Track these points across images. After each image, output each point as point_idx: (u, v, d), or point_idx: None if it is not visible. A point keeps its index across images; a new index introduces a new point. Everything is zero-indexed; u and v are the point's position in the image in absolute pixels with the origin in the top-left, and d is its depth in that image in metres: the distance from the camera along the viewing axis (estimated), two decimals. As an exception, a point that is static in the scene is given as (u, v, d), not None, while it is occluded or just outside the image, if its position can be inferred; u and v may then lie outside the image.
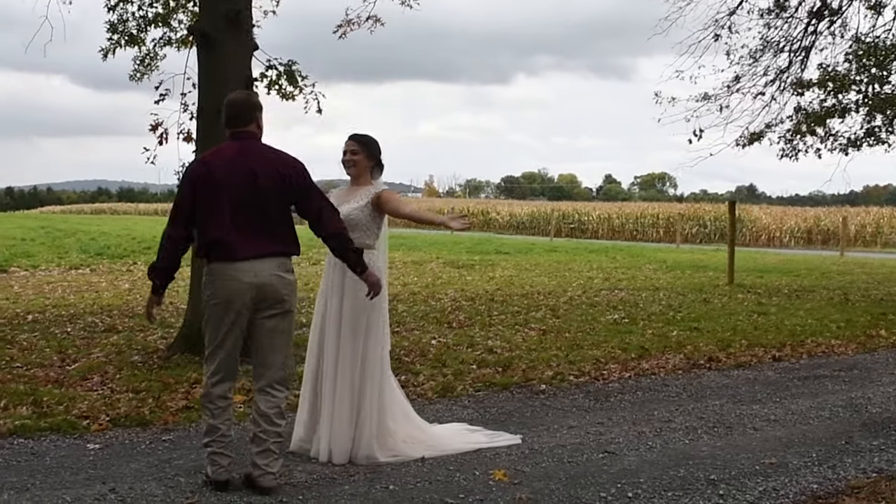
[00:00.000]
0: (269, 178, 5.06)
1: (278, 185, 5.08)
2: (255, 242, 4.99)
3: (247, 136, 5.19)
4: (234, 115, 5.21)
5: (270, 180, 5.06)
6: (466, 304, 14.07)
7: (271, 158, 5.19)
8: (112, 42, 11.99)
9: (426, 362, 9.07)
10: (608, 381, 8.26)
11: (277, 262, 5.04)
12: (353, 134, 5.89)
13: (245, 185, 5.03)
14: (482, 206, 66.02)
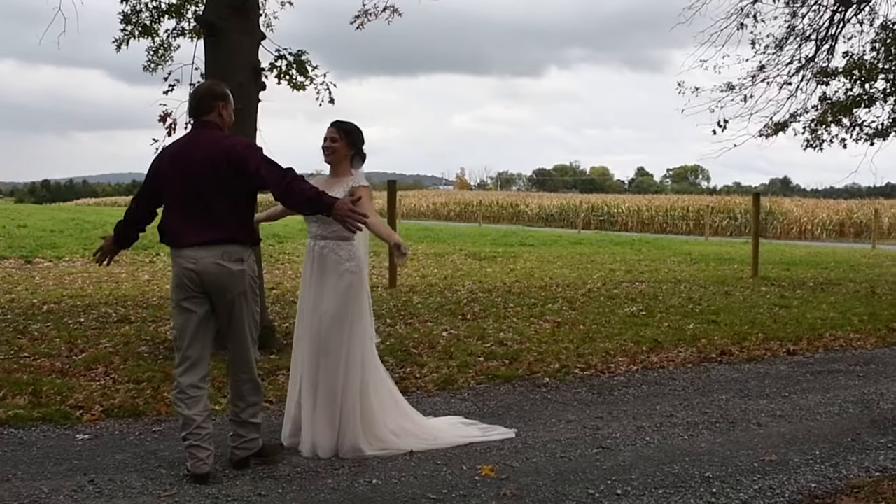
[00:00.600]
0: (211, 165, 4.98)
1: (223, 171, 4.96)
2: (195, 230, 5.00)
3: (205, 125, 5.20)
4: (195, 105, 5.26)
5: (212, 167, 4.97)
6: (483, 295, 13.94)
7: (220, 146, 5.07)
8: (126, 33, 11.92)
9: (434, 354, 8.95)
10: (614, 375, 8.11)
11: (220, 251, 4.98)
12: (335, 120, 5.77)
13: (188, 174, 5.03)
14: (512, 198, 65.78)
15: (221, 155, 5.00)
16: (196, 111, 5.24)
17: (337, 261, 5.50)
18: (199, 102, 5.23)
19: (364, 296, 5.62)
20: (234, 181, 4.99)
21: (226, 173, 4.98)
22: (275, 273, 17.89)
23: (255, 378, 5.22)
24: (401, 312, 11.93)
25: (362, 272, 5.59)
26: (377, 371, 5.81)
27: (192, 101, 5.29)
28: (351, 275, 5.51)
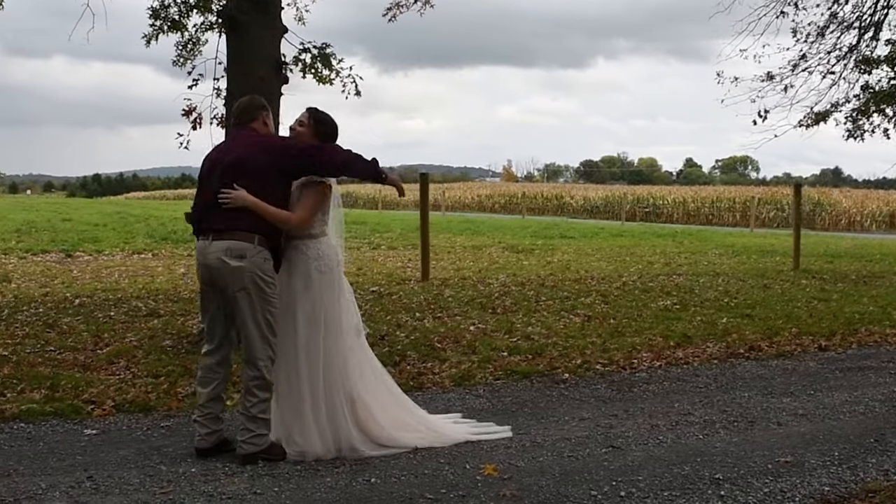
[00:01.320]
0: (241, 157, 5.20)
1: (252, 163, 5.17)
2: (210, 221, 5.22)
3: (245, 127, 5.46)
4: (239, 114, 5.55)
5: (241, 159, 5.19)
6: (515, 289, 13.80)
7: (258, 139, 5.34)
8: (154, 28, 11.95)
9: (458, 349, 8.86)
10: (636, 371, 7.95)
11: (225, 246, 5.12)
12: (312, 107, 5.66)
13: (216, 165, 5.27)
14: (557, 190, 65.43)
15: (256, 146, 5.25)
16: (240, 118, 5.51)
17: (305, 260, 5.37)
18: (244, 111, 5.51)
19: (338, 291, 5.47)
20: (261, 174, 5.16)
21: (255, 166, 5.16)
22: (310, 266, 17.89)
23: (264, 375, 5.18)
24: (430, 306, 11.84)
25: (333, 270, 5.44)
26: (368, 366, 5.66)
27: (237, 110, 5.57)
28: (320, 274, 5.37)
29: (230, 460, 5.19)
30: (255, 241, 5.12)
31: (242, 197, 5.15)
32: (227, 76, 9.40)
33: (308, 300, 5.33)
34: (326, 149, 5.34)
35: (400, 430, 5.55)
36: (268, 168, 5.19)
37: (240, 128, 5.49)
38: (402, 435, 5.52)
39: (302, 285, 5.33)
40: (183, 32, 12.19)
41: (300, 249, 5.36)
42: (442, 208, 57.83)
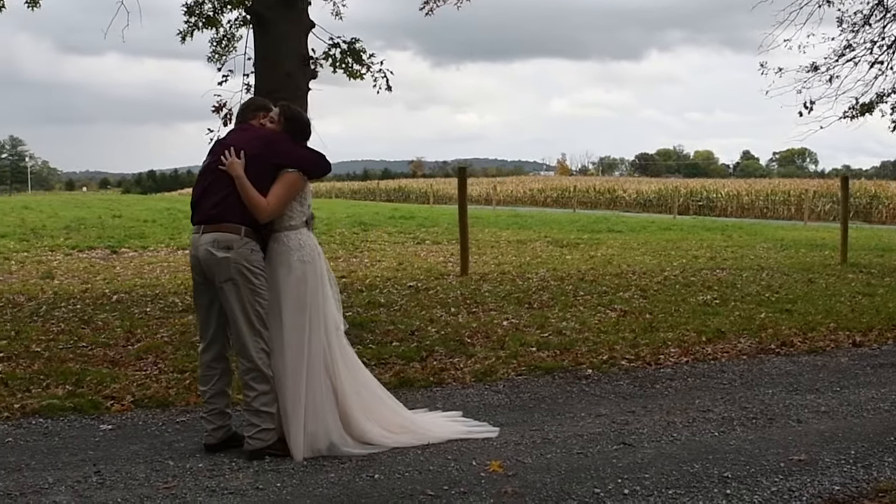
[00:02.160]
0: (237, 148, 5.28)
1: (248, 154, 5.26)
2: (201, 210, 5.31)
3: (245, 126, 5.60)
4: (238, 114, 5.80)
5: (237, 150, 5.26)
6: (554, 283, 13.70)
7: (255, 132, 5.46)
8: (189, 24, 12.06)
9: (487, 344, 8.82)
10: (661, 367, 7.84)
11: (212, 238, 5.20)
12: (285, 103, 5.65)
13: (214, 155, 5.36)
14: (610, 183, 65.01)
15: (254, 139, 5.35)
16: (239, 118, 5.71)
17: (286, 251, 5.35)
18: (242, 111, 5.71)
19: (321, 285, 5.42)
20: (259, 165, 5.23)
21: (255, 155, 5.25)
22: (351, 261, 18.00)
23: (259, 367, 5.19)
24: (466, 301, 11.80)
25: (315, 261, 5.41)
26: (349, 362, 5.57)
27: (238, 112, 5.77)
28: (302, 265, 5.33)
29: (238, 456, 5.22)
30: (241, 233, 5.18)
31: (236, 165, 5.20)
32: (254, 72, 9.44)
33: (292, 291, 5.30)
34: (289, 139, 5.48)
35: (382, 429, 5.48)
36: (258, 156, 5.27)
37: (242, 125, 5.61)
38: (384, 433, 5.46)
39: (284, 276, 5.31)
40: (218, 29, 12.29)
41: (280, 241, 5.35)
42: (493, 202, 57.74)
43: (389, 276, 14.79)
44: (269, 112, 5.58)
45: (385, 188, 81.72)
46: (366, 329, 9.73)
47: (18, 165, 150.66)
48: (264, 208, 5.21)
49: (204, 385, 5.42)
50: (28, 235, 24.18)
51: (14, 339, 8.90)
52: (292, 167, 5.31)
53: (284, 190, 5.28)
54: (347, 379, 5.46)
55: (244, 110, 5.65)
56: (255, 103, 5.70)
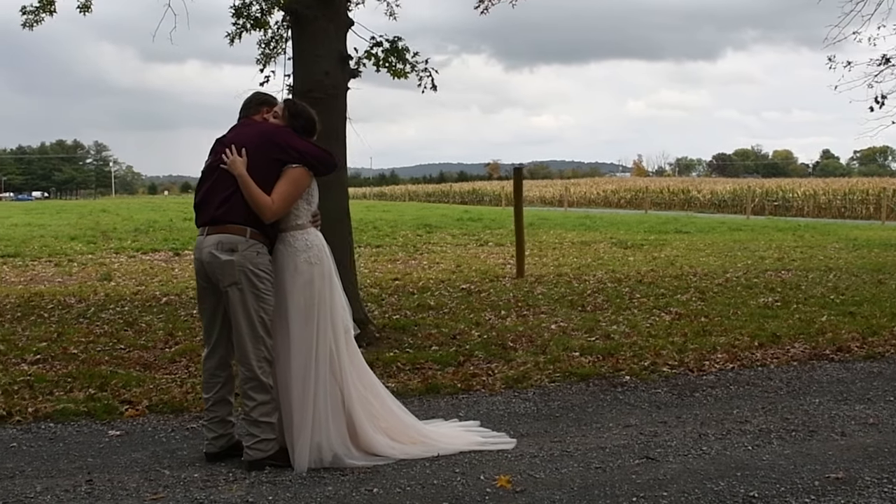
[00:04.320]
0: (240, 144, 5.08)
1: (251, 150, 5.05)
2: (206, 211, 5.12)
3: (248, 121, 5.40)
4: (242, 109, 5.46)
5: (240, 146, 5.07)
6: (611, 286, 13.33)
7: (258, 127, 5.25)
8: (237, 26, 11.99)
9: (530, 348, 8.52)
10: (705, 373, 7.42)
11: (216, 240, 5.00)
12: (289, 99, 5.43)
13: (214, 160, 5.15)
14: (684, 184, 64.02)
15: (255, 135, 5.15)
16: (242, 115, 5.46)
17: (293, 252, 5.10)
18: (244, 107, 5.46)
19: (328, 287, 5.15)
20: (261, 161, 5.03)
21: (256, 152, 5.04)
22: (409, 264, 17.79)
23: (258, 377, 4.97)
24: (518, 303, 11.52)
25: (323, 262, 5.16)
26: (357, 368, 5.31)
27: (241, 107, 5.49)
28: (310, 266, 5.09)
29: (237, 466, 5.01)
30: (246, 234, 4.96)
31: (238, 164, 4.99)
32: (292, 71, 9.30)
33: (299, 294, 5.06)
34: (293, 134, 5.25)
35: (390, 439, 5.21)
36: (260, 152, 5.07)
37: (244, 121, 5.41)
38: (391, 444, 5.18)
39: (291, 278, 5.07)
40: (266, 30, 12.20)
41: (286, 241, 5.12)
42: (564, 204, 57.30)
43: (444, 279, 14.57)
44: (273, 107, 5.37)
45: (459, 190, 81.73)
46: (407, 332, 9.51)
47: (103, 170, 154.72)
48: (269, 207, 4.98)
49: (206, 392, 5.24)
50: (97, 238, 24.59)
51: (55, 340, 8.91)
52: (295, 163, 5.08)
53: (289, 187, 5.06)
54: (355, 386, 5.19)
55: (247, 105, 5.42)
56: (258, 98, 5.47)
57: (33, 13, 11.64)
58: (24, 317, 10.47)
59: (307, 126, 5.32)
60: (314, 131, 5.37)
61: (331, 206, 9.03)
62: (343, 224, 9.21)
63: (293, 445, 4.97)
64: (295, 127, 5.25)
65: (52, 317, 10.52)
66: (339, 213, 9.12)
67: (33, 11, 11.62)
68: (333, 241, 8.85)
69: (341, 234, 9.13)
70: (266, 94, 5.51)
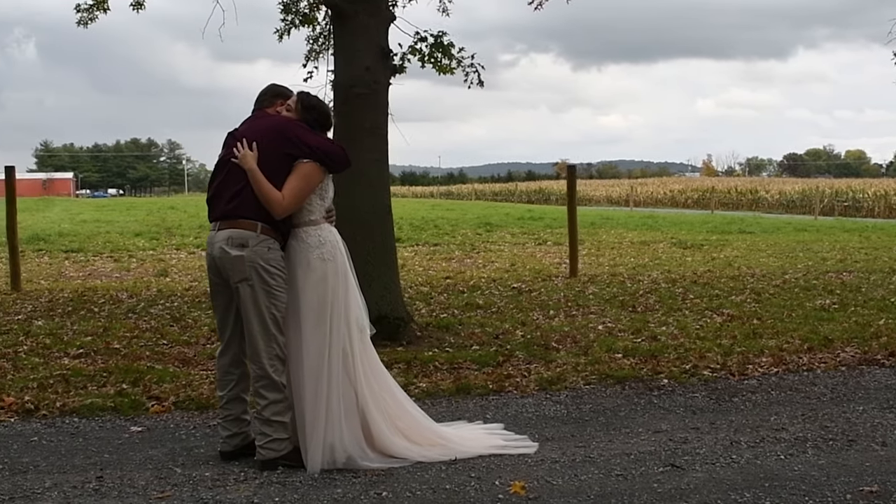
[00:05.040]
0: (252, 137, 5.00)
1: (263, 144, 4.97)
2: (217, 205, 5.06)
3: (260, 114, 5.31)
4: (256, 101, 5.36)
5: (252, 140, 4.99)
6: (665, 286, 13.03)
7: (271, 120, 5.17)
8: (286, 23, 11.99)
9: (572, 349, 8.34)
10: (748, 377, 7.16)
11: (227, 235, 4.93)
12: (303, 92, 5.31)
13: (226, 154, 5.09)
14: (752, 184, 62.93)
15: (266, 129, 5.07)
16: (255, 107, 5.37)
17: (305, 249, 5.00)
18: (258, 100, 5.36)
19: (342, 284, 5.04)
20: (271, 156, 4.95)
21: (267, 146, 4.96)
22: (465, 262, 17.67)
23: (269, 375, 4.89)
24: (567, 303, 11.32)
25: (336, 259, 5.04)
26: (373, 368, 5.18)
27: (256, 99, 5.40)
28: (322, 263, 4.98)
29: (251, 465, 4.95)
30: (257, 230, 4.88)
31: (249, 158, 4.92)
32: (333, 66, 9.24)
33: (312, 291, 4.96)
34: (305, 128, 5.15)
35: (407, 441, 5.08)
36: (271, 146, 4.99)
37: (257, 113, 5.32)
38: (408, 446, 5.05)
39: (304, 275, 4.97)
40: (314, 26, 12.18)
41: (300, 237, 5.03)
42: (630, 204, 56.60)
43: (496, 278, 14.42)
44: (286, 100, 5.28)
45: (526, 190, 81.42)
46: (450, 331, 9.40)
47: (176, 168, 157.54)
48: (279, 202, 4.90)
49: (221, 390, 5.19)
50: (161, 234, 24.93)
51: (100, 335, 8.97)
52: (307, 157, 5.00)
53: (300, 182, 4.97)
54: (371, 386, 5.08)
55: (261, 97, 5.33)
56: (272, 90, 5.36)
57: (87, 11, 11.81)
58: (75, 311, 10.58)
59: (320, 120, 5.22)
60: (328, 125, 5.28)
61: (372, 204, 9.00)
62: (385, 222, 9.13)
63: (306, 445, 4.89)
64: (308, 120, 5.16)
65: (101, 311, 10.62)
66: (381, 210, 9.06)
67: (87, 9, 11.80)
68: (375, 238, 8.91)
69: (383, 232, 9.07)
70: (281, 87, 5.40)
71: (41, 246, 19.96)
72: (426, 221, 30.41)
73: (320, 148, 5.02)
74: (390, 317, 8.71)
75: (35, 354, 8.02)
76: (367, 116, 8.92)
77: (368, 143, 8.91)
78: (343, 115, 8.92)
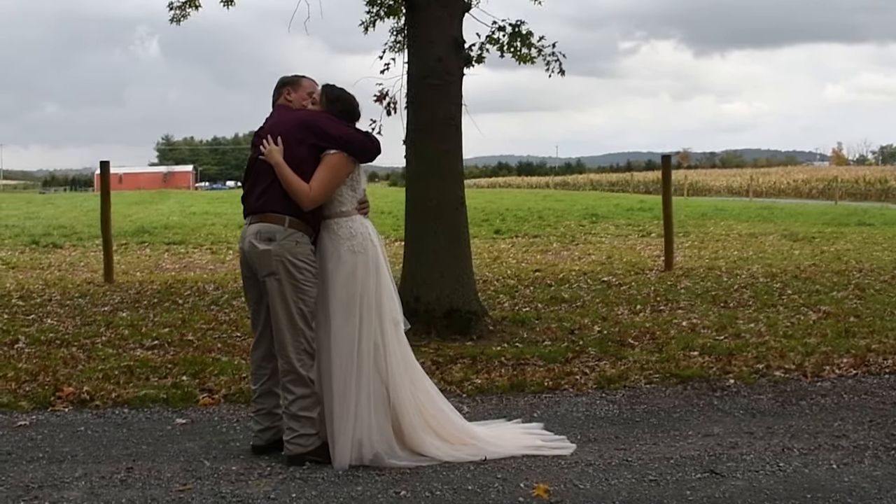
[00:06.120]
0: (276, 132, 4.98)
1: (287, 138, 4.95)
2: (249, 201, 5.06)
3: (280, 107, 5.27)
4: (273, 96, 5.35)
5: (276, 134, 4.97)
6: (762, 281, 12.52)
7: (293, 114, 5.13)
8: (371, 15, 11.97)
9: (648, 345, 8.08)
10: (822, 380, 6.76)
11: (256, 229, 4.92)
12: (326, 83, 5.21)
13: (254, 150, 5.07)
14: (883, 173, 60.23)
15: (291, 122, 5.04)
16: (273, 102, 5.36)
17: (336, 241, 4.94)
18: (273, 94, 5.35)
19: (373, 277, 4.94)
20: (297, 149, 4.93)
21: (292, 139, 4.94)
22: (561, 255, 17.43)
23: (296, 369, 4.85)
24: (656, 298, 11.00)
25: (368, 251, 4.95)
26: (406, 363, 5.06)
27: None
28: (353, 255, 4.90)
29: (279, 460, 4.92)
30: (285, 223, 4.86)
31: (275, 153, 4.89)
32: (407, 58, 9.17)
33: (342, 284, 4.90)
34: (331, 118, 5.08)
35: (437, 439, 4.95)
36: (296, 139, 4.95)
37: (277, 108, 5.29)
38: (437, 445, 4.93)
39: (334, 268, 4.92)
40: (399, 17, 12.12)
41: (331, 229, 4.97)
42: (749, 194, 55.04)
43: (588, 271, 14.14)
44: (293, 87, 5.24)
45: (643, 180, 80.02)
46: (526, 326, 9.22)
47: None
48: (306, 194, 4.85)
49: (254, 384, 5.19)
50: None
51: (178, 327, 9.13)
52: (333, 148, 4.93)
53: (327, 173, 4.91)
54: (402, 382, 4.98)
55: (274, 91, 5.32)
56: (280, 81, 5.32)
57: (180, 8, 12.04)
58: (160, 303, 10.81)
59: (346, 110, 5.15)
60: (355, 116, 5.20)
61: (444, 196, 8.90)
62: (459, 213, 9.03)
63: (333, 441, 4.83)
64: (333, 112, 5.09)
65: (185, 303, 10.82)
66: (454, 202, 8.96)
67: (180, 7, 12.03)
68: (447, 230, 8.81)
69: (456, 224, 8.97)
70: (288, 77, 5.34)
71: (145, 238, 20.54)
72: (531, 212, 30.10)
73: (344, 137, 4.95)
74: (462, 310, 8.61)
75: (111, 345, 8.20)
76: (439, 108, 8.83)
77: (441, 135, 8.83)
78: (416, 106, 8.87)
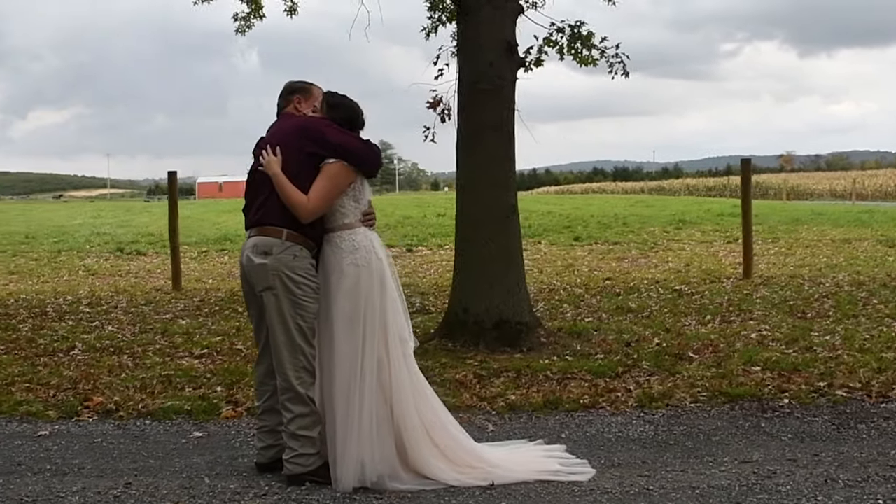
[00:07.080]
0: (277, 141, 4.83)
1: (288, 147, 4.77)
2: (248, 220, 4.94)
3: (284, 115, 5.10)
4: (278, 103, 5.18)
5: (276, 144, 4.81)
6: (847, 290, 11.84)
7: (295, 122, 4.94)
8: (433, 20, 11.78)
9: (708, 359, 7.65)
10: (889, 401, 6.23)
11: (253, 243, 4.77)
12: (330, 91, 4.97)
13: (256, 160, 4.93)
14: None
15: (289, 131, 4.89)
16: (278, 108, 5.18)
17: (338, 254, 4.72)
18: (279, 100, 5.18)
19: (378, 292, 4.70)
20: (295, 157, 4.76)
21: (290, 147, 4.78)
22: (638, 262, 16.94)
23: (294, 387, 4.65)
24: (728, 308, 10.49)
25: (372, 264, 4.70)
26: (414, 381, 4.81)
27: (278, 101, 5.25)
28: (356, 269, 4.66)
29: (280, 479, 4.72)
30: (282, 236, 4.67)
31: (273, 163, 4.71)
32: (459, 62, 8.92)
33: (344, 299, 4.67)
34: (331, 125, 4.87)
35: (444, 462, 4.68)
36: (294, 147, 4.77)
37: (282, 115, 5.10)
38: (443, 468, 4.65)
39: (336, 283, 4.70)
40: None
41: (333, 242, 4.76)
42: (853, 197, 53.14)
43: (661, 279, 13.64)
44: (304, 95, 5.04)
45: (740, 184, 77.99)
46: (581, 338, 8.86)
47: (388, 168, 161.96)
48: (304, 205, 4.64)
49: (258, 400, 5.05)
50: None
51: (232, 335, 9.03)
52: (332, 156, 4.71)
53: (326, 183, 4.69)
54: (408, 401, 4.72)
55: (280, 98, 5.12)
56: (289, 87, 5.14)
57: (244, 19, 12.09)
58: (220, 311, 10.78)
59: (348, 117, 4.92)
60: (359, 124, 4.97)
61: (495, 203, 8.62)
62: (509, 222, 8.75)
63: (335, 461, 4.61)
64: (334, 119, 4.87)
65: (245, 312, 10.73)
66: (505, 210, 8.69)
67: (244, 17, 12.07)
68: (497, 239, 8.52)
69: (507, 233, 8.68)
70: (297, 82, 5.14)
71: (226, 246, 20.73)
72: (616, 218, 29.44)
73: (343, 145, 4.72)
74: (511, 321, 8.33)
75: (160, 353, 8.17)
76: (490, 113, 8.57)
77: (492, 141, 8.58)
78: (466, 112, 8.63)
